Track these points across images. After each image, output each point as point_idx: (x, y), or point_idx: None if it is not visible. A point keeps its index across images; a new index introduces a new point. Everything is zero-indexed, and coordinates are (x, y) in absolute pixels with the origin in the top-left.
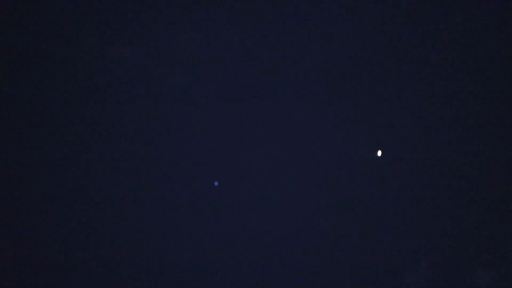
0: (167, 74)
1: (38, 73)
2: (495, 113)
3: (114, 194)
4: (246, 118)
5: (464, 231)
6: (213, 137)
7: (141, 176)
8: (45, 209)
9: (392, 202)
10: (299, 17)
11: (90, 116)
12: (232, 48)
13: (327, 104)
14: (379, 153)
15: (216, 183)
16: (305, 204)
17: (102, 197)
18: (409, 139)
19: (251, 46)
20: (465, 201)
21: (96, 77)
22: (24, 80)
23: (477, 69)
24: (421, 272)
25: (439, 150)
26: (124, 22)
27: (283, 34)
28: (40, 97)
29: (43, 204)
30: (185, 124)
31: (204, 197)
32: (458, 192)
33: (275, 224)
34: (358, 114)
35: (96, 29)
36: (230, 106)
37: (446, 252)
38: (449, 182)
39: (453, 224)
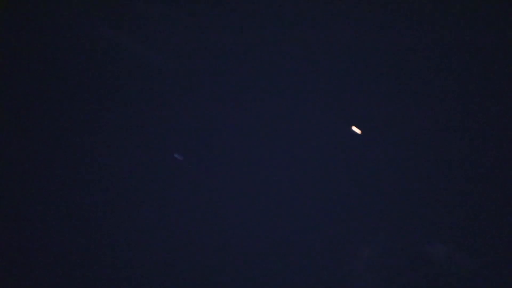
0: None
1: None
2: (495, 113)
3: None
4: (243, 115)
5: (419, 204)
6: (211, 135)
7: (138, 173)
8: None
9: (352, 177)
10: (299, 15)
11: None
12: (230, 46)
13: (326, 103)
14: (355, 129)
15: (176, 155)
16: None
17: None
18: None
19: (249, 41)
20: (419, 175)
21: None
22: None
23: (478, 69)
24: (378, 244)
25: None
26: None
27: (284, 33)
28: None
29: (43, 204)
30: (185, 123)
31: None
32: (412, 166)
33: (271, 224)
34: (358, 114)
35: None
36: (228, 105)
37: (401, 225)
38: (405, 156)
39: (408, 198)
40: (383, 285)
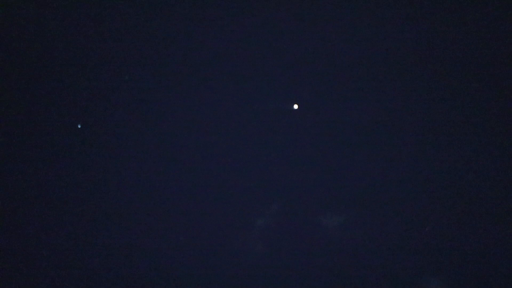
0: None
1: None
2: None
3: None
4: (244, 116)
5: (311, 178)
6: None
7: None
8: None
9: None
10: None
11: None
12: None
13: (326, 102)
14: (295, 106)
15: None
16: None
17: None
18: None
19: (250, 43)
20: (308, 150)
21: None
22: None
23: (478, 69)
24: (271, 215)
25: None
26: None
27: (284, 32)
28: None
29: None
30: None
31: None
32: (306, 146)
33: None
34: (358, 114)
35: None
36: (228, 105)
37: (295, 197)
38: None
39: (301, 172)
40: (277, 255)
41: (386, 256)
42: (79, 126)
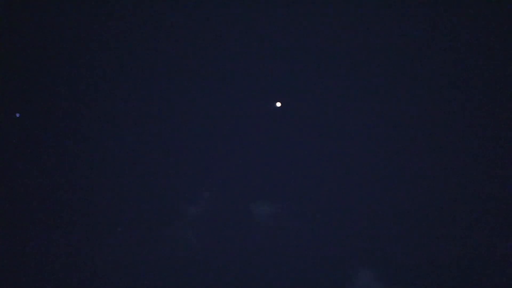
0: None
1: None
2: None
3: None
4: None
5: (243, 167)
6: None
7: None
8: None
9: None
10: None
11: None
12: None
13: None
14: (278, 104)
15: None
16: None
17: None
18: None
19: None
20: (243, 141)
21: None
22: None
23: (479, 69)
24: (203, 203)
25: None
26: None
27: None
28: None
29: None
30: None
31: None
32: (238, 135)
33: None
34: (359, 113)
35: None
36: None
37: (227, 186)
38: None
39: (233, 161)
40: (208, 242)
41: (316, 245)
42: (17, 115)
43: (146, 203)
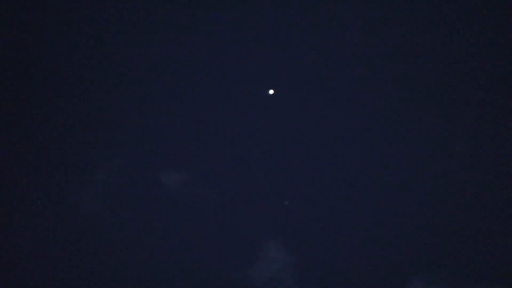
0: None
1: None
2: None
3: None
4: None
5: (154, 134)
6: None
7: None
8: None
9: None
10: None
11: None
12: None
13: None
14: (271, 91)
15: None
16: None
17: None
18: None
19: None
20: (155, 110)
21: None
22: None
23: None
24: (113, 171)
25: None
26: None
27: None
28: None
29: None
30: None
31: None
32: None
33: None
34: (359, 114)
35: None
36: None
37: (137, 153)
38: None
39: (145, 128)
40: (117, 211)
41: (225, 216)
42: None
43: (54, 165)
